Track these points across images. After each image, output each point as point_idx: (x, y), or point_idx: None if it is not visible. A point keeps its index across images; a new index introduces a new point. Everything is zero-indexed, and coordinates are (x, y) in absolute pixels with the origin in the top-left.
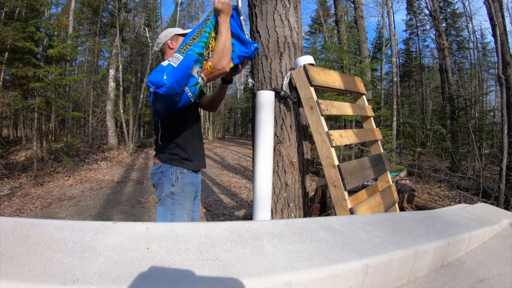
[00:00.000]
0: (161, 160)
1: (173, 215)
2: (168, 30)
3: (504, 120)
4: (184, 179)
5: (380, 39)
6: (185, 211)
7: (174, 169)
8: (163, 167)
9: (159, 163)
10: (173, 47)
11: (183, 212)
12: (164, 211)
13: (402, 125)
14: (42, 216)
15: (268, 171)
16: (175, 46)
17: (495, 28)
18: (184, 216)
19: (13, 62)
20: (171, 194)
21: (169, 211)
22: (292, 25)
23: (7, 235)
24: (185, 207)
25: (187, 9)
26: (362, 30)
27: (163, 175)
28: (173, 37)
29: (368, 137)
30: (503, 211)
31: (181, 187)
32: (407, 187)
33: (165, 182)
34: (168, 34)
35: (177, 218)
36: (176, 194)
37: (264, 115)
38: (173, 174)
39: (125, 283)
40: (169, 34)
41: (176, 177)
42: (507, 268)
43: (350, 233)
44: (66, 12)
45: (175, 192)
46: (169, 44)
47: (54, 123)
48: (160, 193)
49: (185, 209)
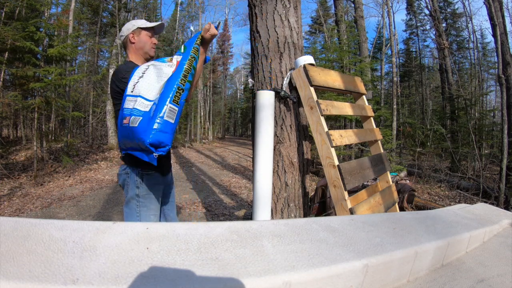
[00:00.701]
0: (126, 162)
1: (139, 217)
2: (131, 23)
3: (504, 120)
4: (150, 180)
5: (380, 39)
6: (151, 212)
7: (138, 171)
8: (127, 168)
9: (124, 164)
10: (134, 41)
11: (149, 213)
12: (130, 213)
13: (402, 125)
14: (42, 216)
15: (268, 171)
16: (136, 40)
17: (495, 28)
18: (150, 217)
19: (13, 62)
20: (136, 196)
21: (135, 213)
22: (292, 25)
23: (7, 235)
24: (151, 208)
25: (187, 9)
26: (362, 30)
27: (127, 177)
28: (135, 31)
29: (368, 137)
30: (503, 211)
31: (146, 188)
32: (407, 187)
33: (130, 184)
34: (131, 27)
35: (143, 219)
36: (141, 196)
37: (264, 115)
38: (137, 175)
39: (125, 283)
40: (131, 27)
41: (140, 179)
42: (507, 268)
43: (350, 233)
44: (66, 12)
45: (140, 194)
46: (130, 39)
47: (54, 123)
48: (125, 194)
49: (151, 210)
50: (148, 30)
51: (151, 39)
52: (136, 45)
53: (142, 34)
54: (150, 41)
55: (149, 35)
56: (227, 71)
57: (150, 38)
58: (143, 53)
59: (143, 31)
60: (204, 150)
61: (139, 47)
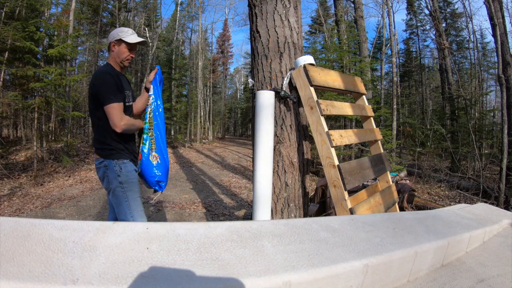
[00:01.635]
0: (102, 156)
1: (127, 201)
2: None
3: (504, 120)
4: (127, 167)
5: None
6: (136, 194)
7: (115, 161)
8: (105, 161)
9: (100, 158)
10: (113, 50)
11: (135, 196)
12: (119, 200)
13: (402, 125)
14: (42, 216)
15: (268, 171)
16: (116, 50)
17: (495, 28)
18: (137, 199)
19: (13, 62)
20: (119, 184)
21: (123, 199)
22: (292, 25)
23: (7, 235)
24: (135, 191)
25: (187, 9)
26: (362, 30)
27: (107, 169)
28: (117, 41)
29: (368, 137)
30: (503, 211)
31: (126, 175)
32: (407, 187)
33: (110, 175)
34: (116, 36)
35: (131, 202)
36: (123, 182)
37: (264, 115)
38: (116, 166)
39: (125, 283)
40: (116, 36)
41: (119, 168)
42: (507, 268)
43: (350, 233)
44: (66, 12)
45: (122, 181)
46: (111, 46)
47: (54, 123)
48: (107, 185)
49: (136, 193)
50: (128, 44)
51: (129, 52)
52: (114, 54)
53: (121, 46)
54: (127, 54)
55: (128, 48)
56: (227, 71)
57: (129, 51)
58: (119, 61)
59: (123, 43)
60: (204, 150)
61: (116, 56)
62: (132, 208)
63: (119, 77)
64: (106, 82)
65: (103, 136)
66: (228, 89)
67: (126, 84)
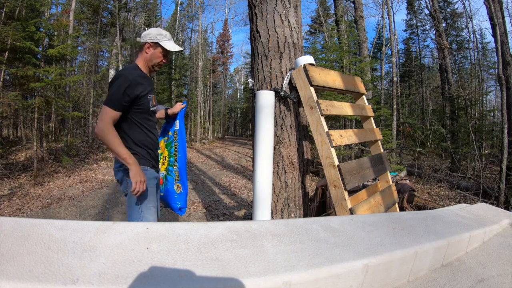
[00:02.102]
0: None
1: (140, 208)
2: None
3: (504, 120)
4: (146, 174)
5: (380, 39)
6: (150, 203)
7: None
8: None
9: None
10: (147, 52)
11: (149, 205)
12: (132, 206)
13: (402, 125)
14: (42, 216)
15: (268, 171)
16: (150, 52)
17: (495, 28)
18: (151, 209)
19: (13, 62)
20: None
21: (136, 205)
22: (292, 25)
23: (7, 235)
24: (150, 199)
25: (187, 9)
26: (362, 30)
27: (126, 174)
28: (153, 44)
29: (368, 137)
30: (503, 211)
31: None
32: (407, 187)
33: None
34: (153, 37)
35: (144, 210)
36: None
37: (264, 115)
38: None
39: (125, 283)
40: (153, 38)
41: None
42: (507, 268)
43: (350, 233)
44: (66, 12)
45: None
46: (146, 48)
47: (54, 123)
48: (124, 189)
49: (150, 202)
50: (164, 50)
51: (163, 57)
52: (147, 57)
53: (157, 50)
54: (160, 60)
55: (163, 54)
56: (227, 71)
57: (163, 57)
58: (150, 65)
59: (159, 48)
60: (204, 150)
61: (149, 59)
62: (144, 216)
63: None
64: (117, 85)
65: (125, 139)
66: (228, 89)
67: (149, 87)
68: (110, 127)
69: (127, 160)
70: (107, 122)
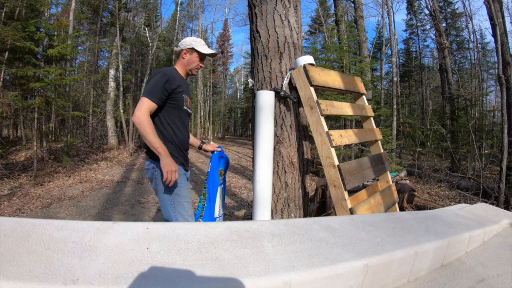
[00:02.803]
0: (152, 158)
1: (172, 204)
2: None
3: (504, 120)
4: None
5: (380, 39)
6: (183, 199)
7: None
8: (153, 163)
9: (150, 159)
10: (184, 58)
11: (181, 201)
12: (164, 202)
13: (402, 125)
14: (42, 216)
15: (268, 171)
16: (187, 58)
17: (495, 28)
18: (183, 204)
19: (13, 62)
20: (167, 187)
21: (168, 201)
22: (292, 25)
23: (7, 235)
24: (182, 195)
25: (187, 9)
26: (362, 30)
27: (155, 170)
28: (189, 50)
29: (368, 137)
30: (503, 211)
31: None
32: (407, 187)
33: (158, 177)
34: (188, 44)
35: (177, 205)
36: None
37: (264, 115)
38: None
39: (125, 283)
40: (189, 44)
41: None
42: (507, 268)
43: (350, 233)
44: (66, 12)
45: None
46: (182, 54)
47: (54, 123)
48: (154, 186)
49: (182, 198)
50: (200, 54)
51: (199, 62)
52: (184, 62)
53: (193, 55)
54: (197, 63)
55: (199, 58)
56: (227, 71)
57: (199, 61)
58: (188, 69)
59: (195, 53)
60: None
61: (186, 64)
62: (177, 210)
63: (177, 81)
64: (156, 79)
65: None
66: (228, 89)
67: (185, 87)
68: (146, 116)
69: (159, 149)
70: (145, 111)
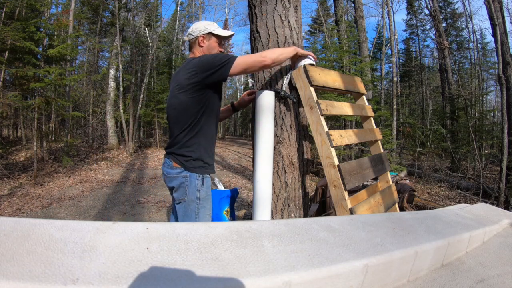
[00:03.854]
0: (184, 166)
1: (197, 218)
2: (204, 25)
3: (504, 120)
4: (208, 183)
5: (380, 39)
6: (207, 212)
7: (199, 175)
8: (185, 172)
9: (180, 168)
10: (203, 45)
11: (205, 213)
12: (189, 215)
13: (402, 125)
14: (42, 216)
15: (268, 171)
16: (205, 45)
17: (495, 28)
18: (206, 217)
19: (13, 62)
20: (196, 199)
21: (193, 214)
22: (292, 25)
23: (7, 235)
24: (207, 208)
25: (187, 9)
26: (362, 30)
27: (187, 180)
28: (206, 35)
29: (368, 137)
30: (503, 211)
31: (205, 191)
32: (407, 187)
33: (189, 187)
34: (203, 29)
35: (201, 219)
36: (201, 199)
37: (264, 115)
38: (198, 179)
39: (125, 283)
40: (203, 29)
41: (201, 182)
42: (507, 268)
43: (350, 233)
44: (66, 12)
45: (200, 197)
46: (199, 41)
47: (54, 123)
48: (182, 196)
49: (207, 210)
50: (218, 37)
51: (218, 46)
52: (204, 49)
53: (212, 40)
54: (217, 49)
55: (218, 42)
56: None
57: (218, 46)
58: None
59: (213, 37)
60: None
61: (206, 51)
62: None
63: None
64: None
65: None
66: (228, 89)
67: None
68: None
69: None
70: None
